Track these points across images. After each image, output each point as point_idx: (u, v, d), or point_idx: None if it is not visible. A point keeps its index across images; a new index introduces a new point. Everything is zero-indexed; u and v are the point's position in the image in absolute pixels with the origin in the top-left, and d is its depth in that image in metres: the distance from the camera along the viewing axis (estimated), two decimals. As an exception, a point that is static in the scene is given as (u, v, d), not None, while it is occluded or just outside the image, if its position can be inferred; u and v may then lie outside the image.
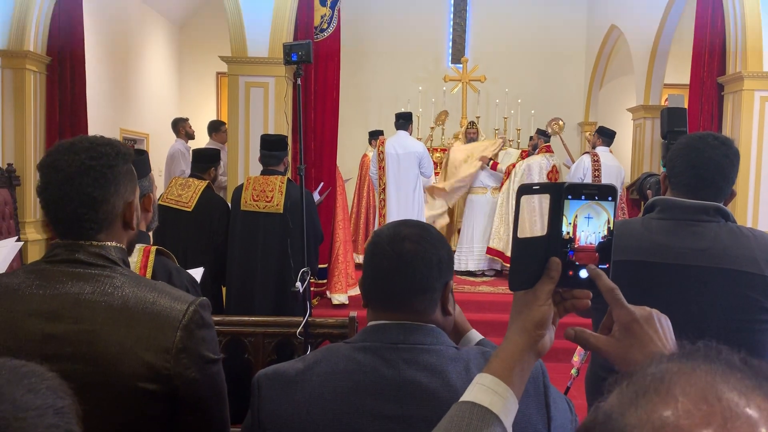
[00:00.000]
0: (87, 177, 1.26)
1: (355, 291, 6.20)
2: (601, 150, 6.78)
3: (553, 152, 7.57)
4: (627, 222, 1.96)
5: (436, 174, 7.96)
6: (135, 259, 1.84)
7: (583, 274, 0.90)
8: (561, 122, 8.31)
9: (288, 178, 4.25)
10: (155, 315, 1.24)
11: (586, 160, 6.73)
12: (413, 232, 1.22)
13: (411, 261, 1.19)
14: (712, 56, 5.99)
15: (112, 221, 1.31)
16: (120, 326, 1.21)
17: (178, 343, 1.23)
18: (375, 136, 7.92)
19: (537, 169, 7.14)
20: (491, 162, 7.42)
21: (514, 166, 7.36)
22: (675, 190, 1.85)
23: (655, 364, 0.53)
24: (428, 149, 7.95)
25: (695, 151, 1.80)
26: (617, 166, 6.77)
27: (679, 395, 0.48)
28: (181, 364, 1.23)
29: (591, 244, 0.90)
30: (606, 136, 6.87)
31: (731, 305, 1.72)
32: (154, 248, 1.89)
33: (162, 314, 1.25)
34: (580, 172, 6.71)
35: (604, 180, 6.54)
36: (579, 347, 2.90)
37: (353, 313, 3.07)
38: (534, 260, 0.90)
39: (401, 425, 1.13)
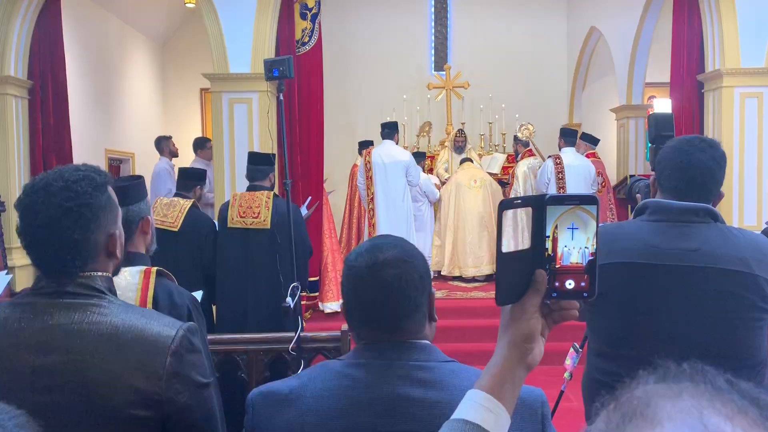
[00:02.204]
0: (66, 220, 1.25)
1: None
2: (565, 151, 6.85)
3: (534, 155, 7.73)
4: (619, 225, 2.00)
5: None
6: (136, 281, 1.85)
7: (570, 284, 0.89)
8: (531, 127, 8.48)
9: (274, 193, 4.25)
10: (144, 341, 1.25)
11: (549, 164, 6.83)
12: (390, 255, 1.20)
13: (397, 287, 1.18)
14: (690, 54, 6.06)
15: (96, 255, 1.32)
16: (110, 354, 1.22)
17: (169, 368, 1.24)
18: (365, 146, 7.94)
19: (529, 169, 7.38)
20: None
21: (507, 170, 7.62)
22: (664, 192, 1.88)
23: (642, 386, 0.53)
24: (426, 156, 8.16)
25: (683, 154, 1.84)
26: (584, 165, 6.82)
27: (665, 420, 0.48)
28: (172, 389, 1.24)
29: (578, 263, 0.87)
30: (567, 136, 6.97)
31: (722, 304, 1.75)
32: (154, 269, 1.90)
33: (151, 340, 1.25)
34: (545, 177, 6.83)
35: (570, 180, 6.63)
36: (571, 351, 2.91)
37: (345, 326, 3.07)
38: (519, 274, 0.89)
39: None
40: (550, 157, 6.99)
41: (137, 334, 1.25)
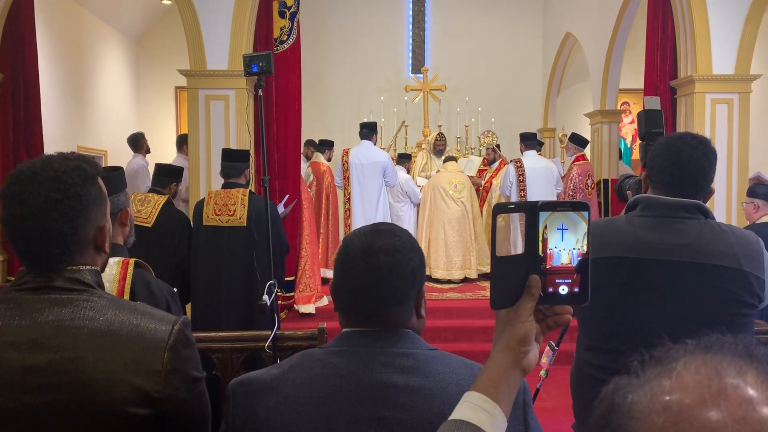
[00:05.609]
0: (54, 212, 1.20)
1: (322, 303, 6.17)
2: (526, 154, 7.08)
3: (506, 163, 8.02)
4: (610, 220, 2.02)
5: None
6: (114, 272, 1.83)
7: (563, 290, 0.90)
8: (491, 135, 8.71)
9: (250, 190, 4.21)
10: (140, 337, 1.21)
11: (510, 169, 7.02)
12: (386, 243, 1.20)
13: (386, 275, 1.18)
14: (664, 61, 6.17)
15: (85, 248, 1.27)
16: (105, 351, 1.17)
17: (167, 365, 1.20)
18: (327, 145, 7.97)
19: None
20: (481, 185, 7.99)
21: (491, 180, 7.80)
22: (656, 188, 1.90)
23: (675, 350, 0.56)
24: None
25: (675, 151, 1.86)
26: (545, 166, 7.03)
27: (682, 365, 0.52)
28: (171, 385, 1.20)
29: (569, 264, 0.88)
30: (527, 140, 7.21)
31: (712, 299, 1.78)
32: (132, 260, 1.88)
33: (147, 336, 1.21)
34: (507, 181, 7.01)
35: (530, 183, 6.82)
36: (547, 349, 2.93)
37: (322, 325, 3.05)
38: (514, 278, 0.90)
39: (377, 428, 1.13)
40: (511, 161, 7.19)
41: (133, 330, 1.21)
